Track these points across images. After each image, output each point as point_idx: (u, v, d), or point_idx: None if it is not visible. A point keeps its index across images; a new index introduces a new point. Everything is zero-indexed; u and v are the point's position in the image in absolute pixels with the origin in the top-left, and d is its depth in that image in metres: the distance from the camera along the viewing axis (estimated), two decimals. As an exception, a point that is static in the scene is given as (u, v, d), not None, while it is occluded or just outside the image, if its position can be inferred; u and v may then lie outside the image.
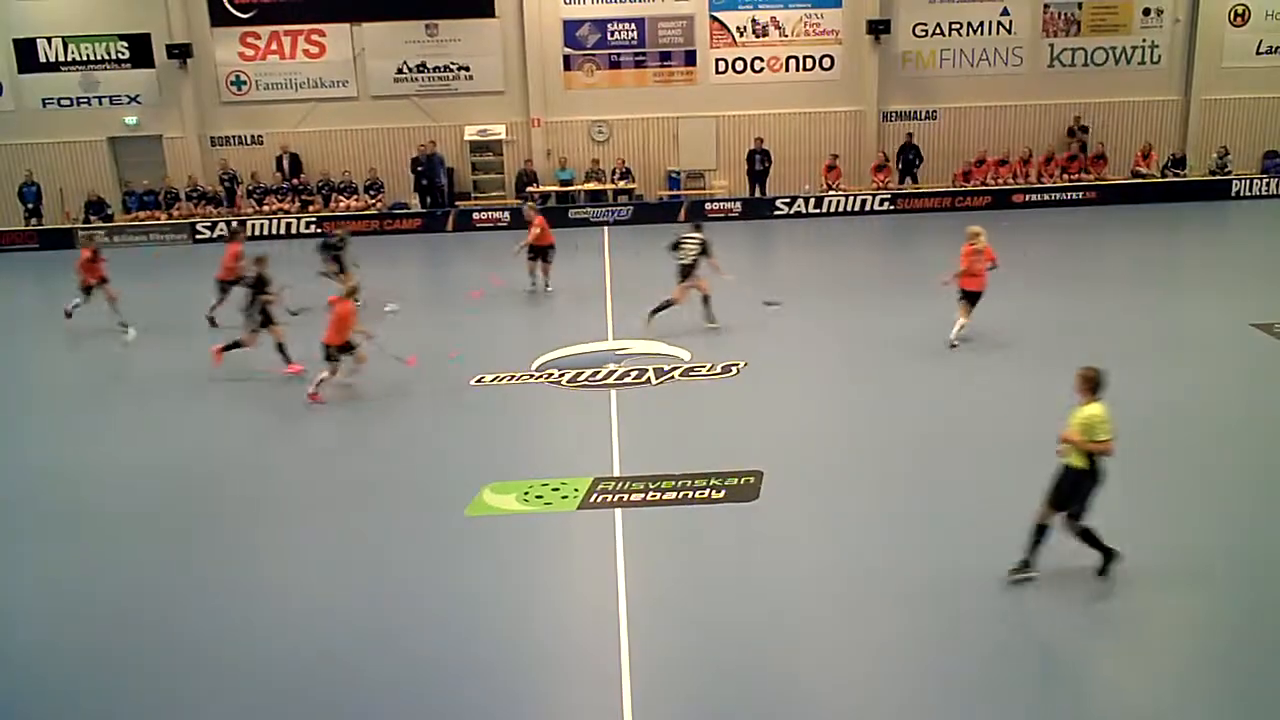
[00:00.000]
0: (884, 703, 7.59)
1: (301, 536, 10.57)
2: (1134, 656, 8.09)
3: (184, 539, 10.58)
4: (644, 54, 29.94)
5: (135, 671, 8.33)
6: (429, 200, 29.43)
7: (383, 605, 9.12)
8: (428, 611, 8.96)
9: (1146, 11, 30.02)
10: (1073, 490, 8.82)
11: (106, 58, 29.49)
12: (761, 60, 30.06)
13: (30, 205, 29.28)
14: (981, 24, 30.01)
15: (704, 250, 16.72)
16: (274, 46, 29.53)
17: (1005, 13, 29.97)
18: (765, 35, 29.90)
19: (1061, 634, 8.28)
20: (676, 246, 16.98)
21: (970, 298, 15.51)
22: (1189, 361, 15.18)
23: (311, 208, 29.37)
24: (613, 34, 29.73)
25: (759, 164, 29.32)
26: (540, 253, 20.03)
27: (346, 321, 14.26)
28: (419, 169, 29.14)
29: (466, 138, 30.00)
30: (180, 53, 28.83)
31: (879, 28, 29.27)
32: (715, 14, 29.69)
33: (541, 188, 29.59)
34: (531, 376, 15.22)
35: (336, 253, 18.82)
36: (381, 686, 7.88)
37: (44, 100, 29.59)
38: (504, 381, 15.04)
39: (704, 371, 15.05)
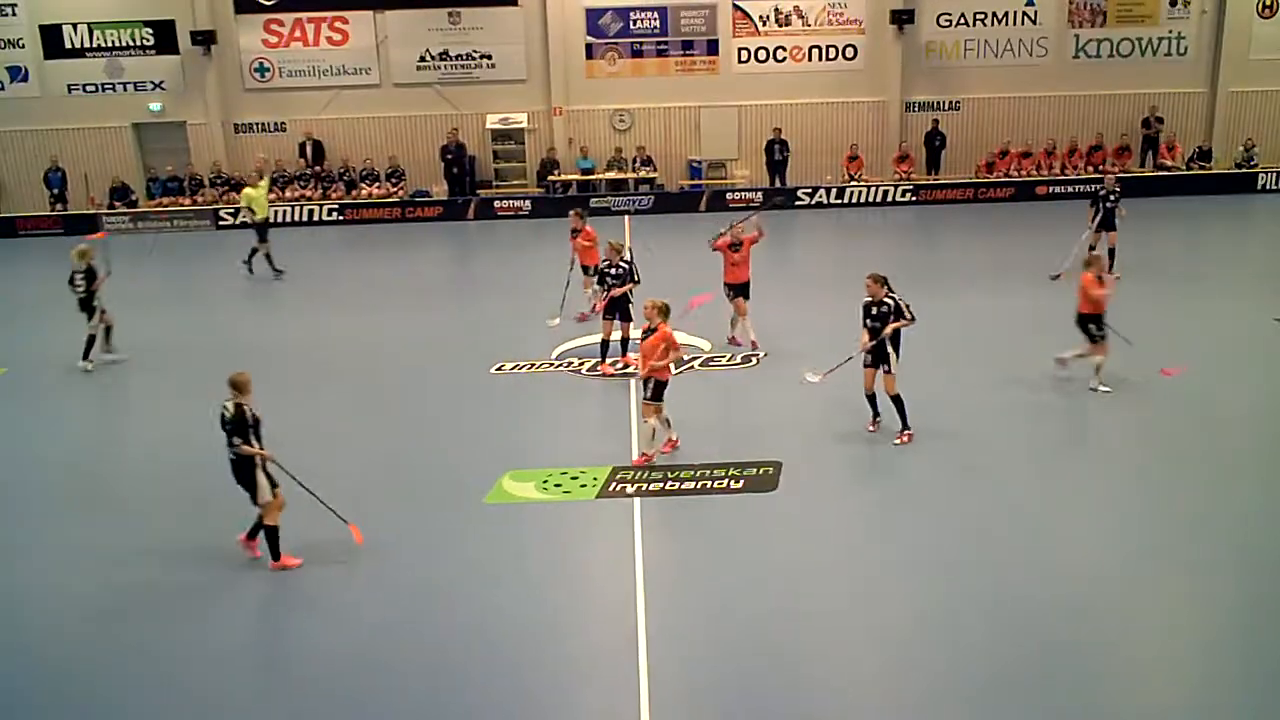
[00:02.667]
0: (902, 693, 7.60)
1: (319, 524, 10.61)
2: (1149, 653, 8.08)
3: (197, 522, 10.67)
4: (666, 43, 29.88)
5: (149, 662, 8.35)
6: (458, 188, 29.50)
7: (401, 593, 9.18)
8: (446, 599, 9.02)
9: (1173, 2, 29.76)
10: None
11: (131, 44, 29.64)
12: (784, 50, 29.95)
13: (55, 191, 29.50)
14: (1006, 14, 29.82)
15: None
16: (297, 33, 29.62)
17: (1030, 3, 29.76)
18: (788, 24, 29.79)
19: (1084, 628, 8.27)
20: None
21: None
22: (1213, 357, 15.08)
23: (334, 195, 29.50)
24: (635, 23, 29.68)
25: (778, 154, 29.28)
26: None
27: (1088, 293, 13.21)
28: (449, 157, 29.20)
29: (488, 126, 30.03)
30: (204, 39, 28.95)
31: (903, 18, 29.13)
32: (738, 3, 29.59)
33: (563, 176, 29.62)
34: (551, 365, 15.27)
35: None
36: (399, 673, 7.94)
37: (69, 86, 29.78)
38: (524, 370, 15.09)
39: (723, 362, 15.06)
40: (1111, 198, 19.38)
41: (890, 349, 11.81)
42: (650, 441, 11.75)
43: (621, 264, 14.88)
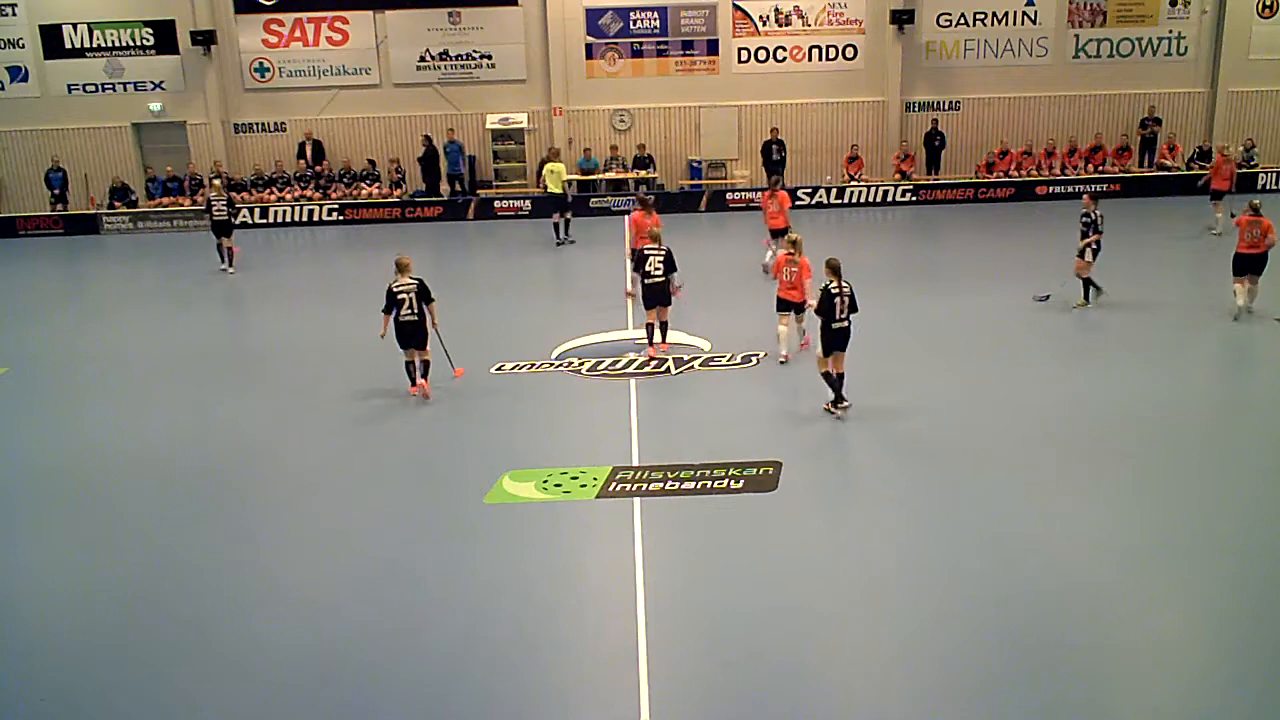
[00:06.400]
0: (901, 692, 7.60)
1: (317, 524, 10.64)
2: (1154, 650, 8.08)
3: (196, 525, 10.66)
4: (666, 43, 29.91)
5: (140, 665, 8.30)
6: (451, 189, 29.54)
7: (400, 593, 9.17)
8: (445, 599, 9.01)
9: (1173, 2, 29.79)
10: None
11: (131, 44, 29.69)
12: (784, 50, 29.98)
13: (56, 191, 29.53)
14: (1006, 14, 29.85)
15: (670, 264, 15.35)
16: (297, 33, 29.66)
17: (1030, 3, 29.80)
18: (788, 24, 29.82)
19: (1081, 625, 8.27)
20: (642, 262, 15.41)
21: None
22: (1215, 358, 15.09)
23: (334, 195, 29.52)
24: (635, 23, 29.71)
25: (775, 154, 29.27)
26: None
27: None
28: (423, 160, 29.33)
29: (488, 126, 30.06)
30: (204, 39, 28.99)
31: (902, 18, 29.16)
32: (738, 3, 29.62)
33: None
34: (551, 365, 15.27)
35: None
36: (397, 674, 7.94)
37: (69, 86, 29.83)
38: (524, 370, 15.09)
39: (724, 361, 15.06)
40: (1083, 221, 17.08)
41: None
42: (788, 343, 14.50)
43: (662, 250, 15.24)
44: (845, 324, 12.56)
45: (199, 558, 9.94)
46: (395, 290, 13.60)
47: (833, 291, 12.45)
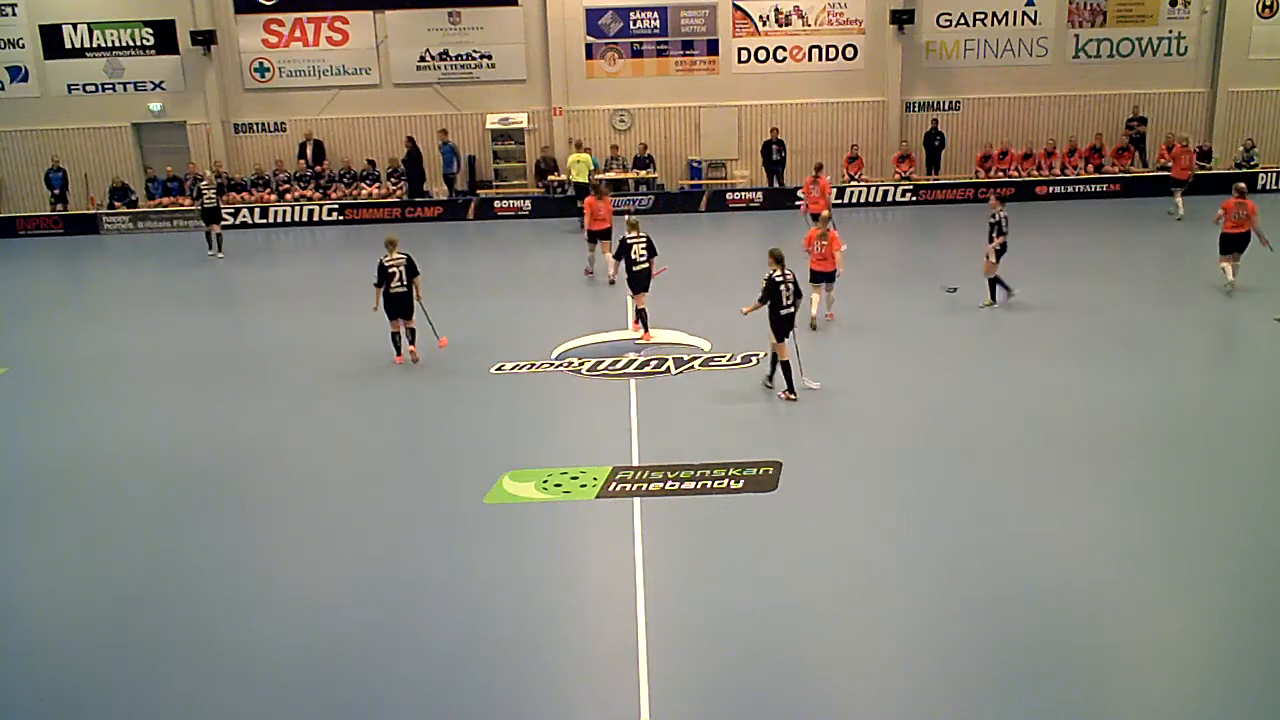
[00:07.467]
0: (901, 692, 7.60)
1: (317, 524, 10.64)
2: (1154, 650, 8.08)
3: (196, 525, 10.67)
4: (666, 43, 29.89)
5: (140, 665, 8.30)
6: (450, 190, 29.51)
7: (401, 593, 9.17)
8: (445, 599, 9.01)
9: (1173, 2, 29.77)
10: None
11: (131, 44, 29.67)
12: (784, 50, 29.96)
13: (56, 191, 29.50)
14: (1006, 14, 29.83)
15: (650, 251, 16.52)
16: (297, 33, 29.64)
17: (1030, 3, 29.78)
18: (788, 24, 29.80)
19: (1081, 625, 8.27)
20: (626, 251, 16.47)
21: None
22: (1214, 357, 15.07)
23: (334, 195, 29.50)
24: (635, 23, 29.69)
25: (775, 154, 29.25)
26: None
27: None
28: (407, 162, 29.26)
29: (488, 126, 30.04)
30: (204, 39, 28.97)
31: (903, 18, 29.14)
32: (738, 3, 29.60)
33: (561, 176, 29.59)
34: (551, 365, 15.27)
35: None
36: (397, 674, 7.94)
37: (69, 86, 29.81)
38: (524, 370, 15.09)
39: (723, 361, 15.06)
40: (990, 222, 17.34)
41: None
42: (818, 309, 15.82)
43: (643, 237, 16.32)
44: (792, 310, 13.14)
45: (199, 558, 9.95)
46: (386, 264, 14.91)
47: (777, 280, 13.01)
